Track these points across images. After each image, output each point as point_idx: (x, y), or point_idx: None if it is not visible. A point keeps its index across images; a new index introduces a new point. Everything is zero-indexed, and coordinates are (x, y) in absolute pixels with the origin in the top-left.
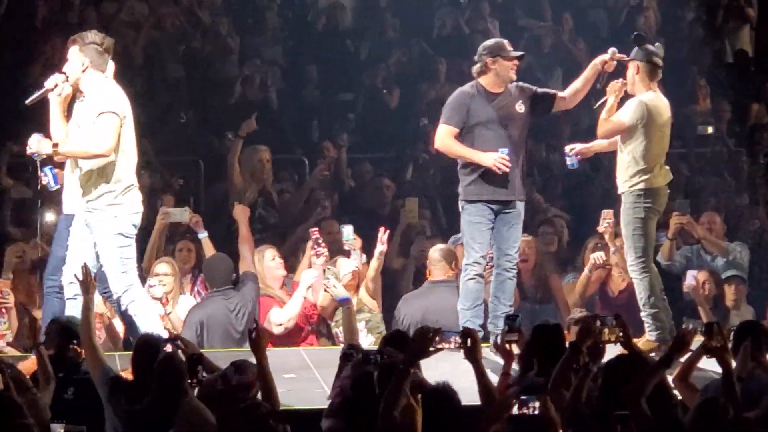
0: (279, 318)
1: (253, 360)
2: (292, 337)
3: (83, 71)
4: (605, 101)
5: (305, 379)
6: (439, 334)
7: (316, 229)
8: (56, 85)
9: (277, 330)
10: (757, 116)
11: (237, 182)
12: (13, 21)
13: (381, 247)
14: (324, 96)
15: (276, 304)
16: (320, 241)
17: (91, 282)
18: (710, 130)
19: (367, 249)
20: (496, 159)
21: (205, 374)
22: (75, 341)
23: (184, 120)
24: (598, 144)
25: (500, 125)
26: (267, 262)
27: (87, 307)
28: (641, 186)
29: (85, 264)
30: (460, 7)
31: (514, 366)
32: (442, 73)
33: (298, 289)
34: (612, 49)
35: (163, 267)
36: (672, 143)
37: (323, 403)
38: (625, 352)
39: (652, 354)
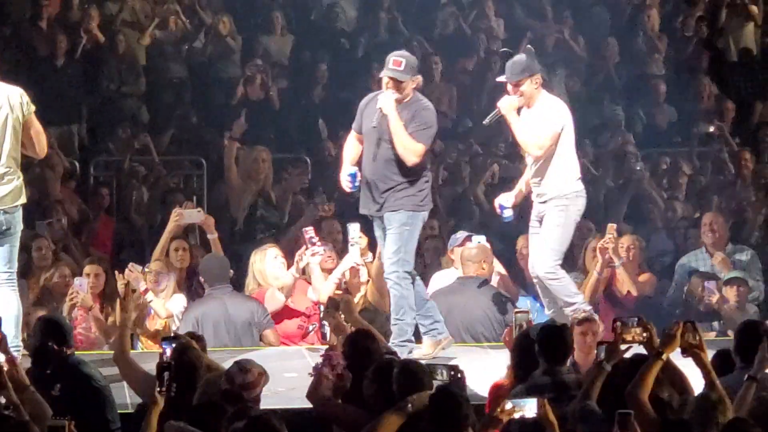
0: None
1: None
2: (293, 336)
3: None
4: (498, 112)
5: (307, 378)
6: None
7: (311, 227)
8: None
9: (278, 298)
10: (762, 114)
11: (234, 183)
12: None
13: (367, 258)
14: (326, 95)
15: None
16: (314, 240)
17: (129, 301)
18: (712, 128)
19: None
20: (342, 179)
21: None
22: (59, 336)
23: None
24: (525, 186)
25: (370, 136)
26: (269, 260)
27: (124, 324)
28: (578, 187)
29: (128, 282)
30: (462, 6)
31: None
32: (437, 72)
33: (337, 269)
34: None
35: (92, 267)
36: (675, 142)
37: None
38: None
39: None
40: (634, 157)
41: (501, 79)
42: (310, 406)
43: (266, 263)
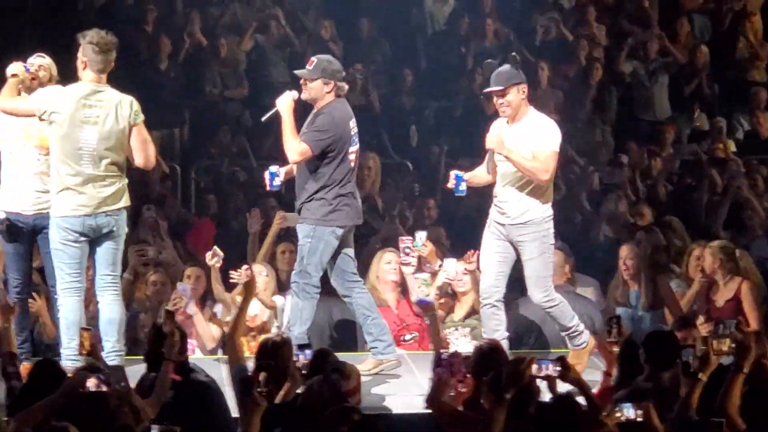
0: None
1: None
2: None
3: (82, 69)
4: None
5: (409, 382)
6: (533, 362)
7: (409, 237)
8: None
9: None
10: None
11: None
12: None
13: (469, 266)
14: (421, 101)
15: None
16: (408, 250)
17: (253, 284)
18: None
19: (461, 253)
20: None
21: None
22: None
23: None
24: (483, 175)
25: None
26: (382, 265)
27: (243, 308)
28: (550, 212)
29: (249, 265)
30: (564, 12)
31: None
32: (544, 77)
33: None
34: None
35: (194, 270)
36: None
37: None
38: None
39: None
40: (734, 164)
41: (487, 90)
42: (409, 411)
43: (379, 266)
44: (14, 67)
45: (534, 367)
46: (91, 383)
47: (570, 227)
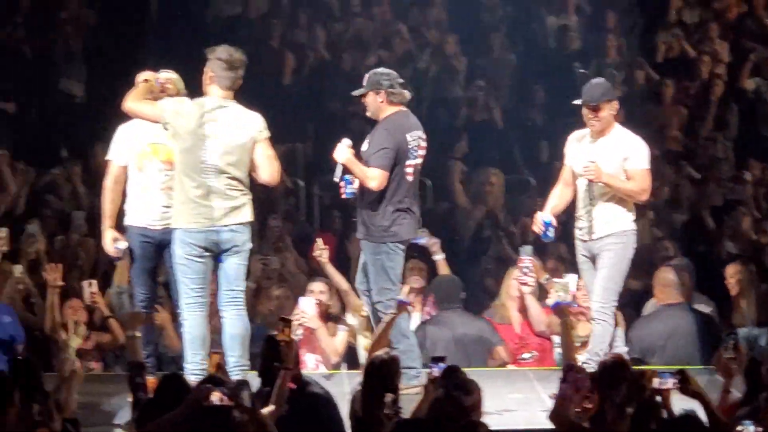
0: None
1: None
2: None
3: (209, 84)
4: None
5: (531, 399)
6: (655, 376)
7: (529, 257)
8: None
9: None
10: None
11: (462, 202)
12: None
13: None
14: (550, 117)
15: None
16: (526, 269)
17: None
18: None
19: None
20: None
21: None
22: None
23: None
24: (562, 203)
25: None
26: (511, 281)
27: (389, 325)
28: (635, 226)
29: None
30: (686, 28)
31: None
32: (668, 94)
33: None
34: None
35: (317, 285)
36: None
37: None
38: None
39: None
40: None
41: (577, 102)
42: (537, 426)
43: (509, 281)
44: (146, 74)
45: (655, 381)
46: (215, 397)
47: (693, 244)
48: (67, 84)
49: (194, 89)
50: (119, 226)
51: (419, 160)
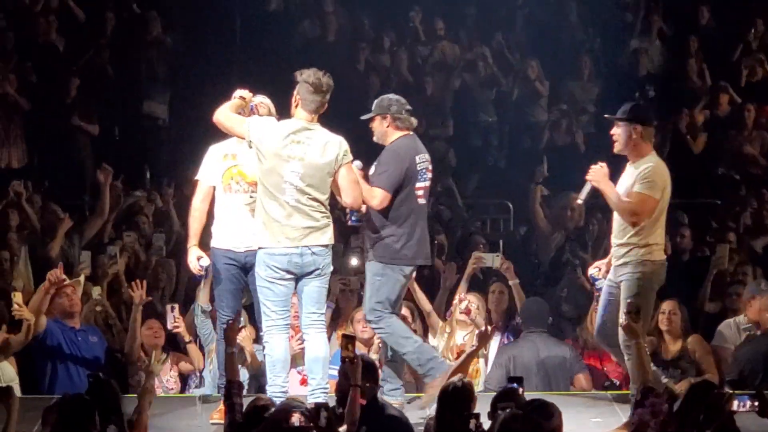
0: None
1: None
2: None
3: (295, 106)
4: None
5: (611, 423)
6: (733, 398)
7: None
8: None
9: None
10: None
11: (542, 226)
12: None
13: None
14: None
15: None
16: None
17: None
18: None
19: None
20: None
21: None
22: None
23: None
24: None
25: None
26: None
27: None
28: (660, 257)
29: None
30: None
31: None
32: (750, 119)
33: None
34: None
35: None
36: None
37: None
38: None
39: None
40: None
41: (608, 116)
42: None
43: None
44: (243, 92)
45: (734, 403)
46: (296, 419)
47: None
48: (151, 106)
49: (277, 111)
50: (204, 247)
51: (428, 183)
